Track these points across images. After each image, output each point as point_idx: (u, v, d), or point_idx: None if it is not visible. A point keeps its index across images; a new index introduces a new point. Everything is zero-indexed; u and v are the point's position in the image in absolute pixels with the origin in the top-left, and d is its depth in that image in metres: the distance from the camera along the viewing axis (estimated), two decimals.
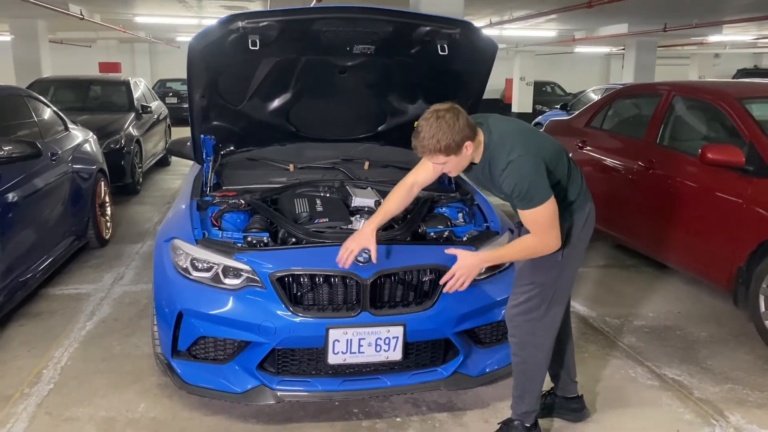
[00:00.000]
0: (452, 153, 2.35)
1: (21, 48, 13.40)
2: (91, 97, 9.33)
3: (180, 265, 2.89)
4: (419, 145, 2.38)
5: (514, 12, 11.83)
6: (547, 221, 2.38)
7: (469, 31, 3.23)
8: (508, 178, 2.36)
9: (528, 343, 2.63)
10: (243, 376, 2.81)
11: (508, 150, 2.38)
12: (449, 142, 2.32)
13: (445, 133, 2.31)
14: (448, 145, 2.32)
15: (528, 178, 2.34)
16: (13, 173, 4.05)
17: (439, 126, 2.31)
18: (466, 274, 2.49)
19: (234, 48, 3.09)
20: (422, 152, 2.39)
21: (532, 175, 2.35)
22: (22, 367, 3.40)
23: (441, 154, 2.35)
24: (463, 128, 2.33)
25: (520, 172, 2.35)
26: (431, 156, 2.38)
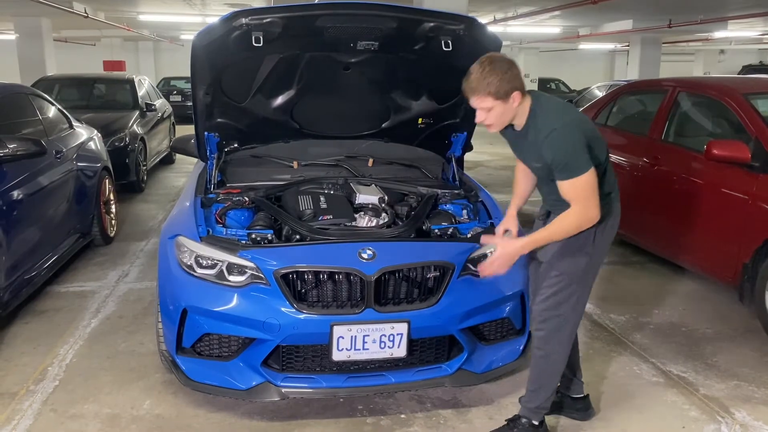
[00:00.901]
0: (500, 98, 2.35)
1: (26, 46, 13.43)
2: (95, 96, 9.34)
3: (184, 262, 2.89)
4: (469, 86, 2.37)
5: (518, 8, 11.81)
6: (587, 190, 2.37)
7: (473, 27, 3.22)
8: (552, 145, 2.36)
9: (553, 338, 2.63)
10: (247, 373, 2.82)
11: (553, 118, 2.40)
12: (500, 86, 2.32)
13: (497, 76, 2.32)
14: (498, 89, 2.33)
15: (571, 147, 2.36)
16: (17, 171, 4.06)
17: (492, 68, 2.33)
18: (507, 263, 2.50)
19: (237, 45, 3.09)
20: (471, 92, 2.38)
21: (575, 144, 2.37)
22: (28, 364, 3.41)
23: (490, 96, 2.34)
24: (515, 77, 2.35)
25: (564, 140, 2.36)
26: (479, 98, 2.37)
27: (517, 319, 3.10)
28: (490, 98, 2.36)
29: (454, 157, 3.94)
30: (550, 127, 2.38)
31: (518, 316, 3.10)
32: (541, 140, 2.40)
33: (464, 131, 3.85)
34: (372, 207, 3.35)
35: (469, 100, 2.43)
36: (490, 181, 8.81)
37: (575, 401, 2.95)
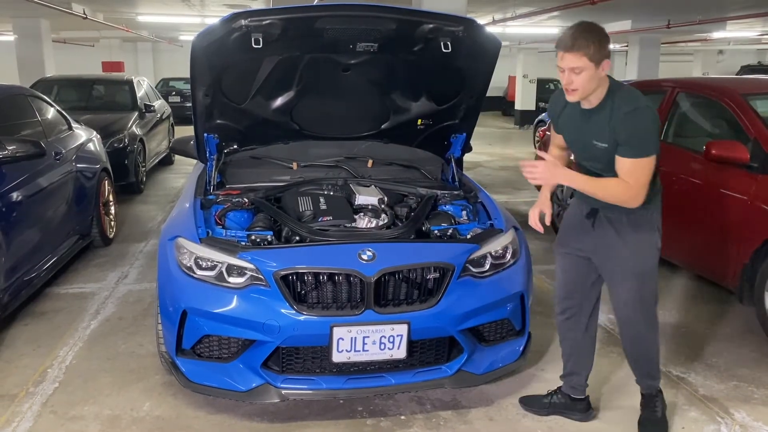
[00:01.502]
0: (593, 61, 2.35)
1: (24, 47, 13.40)
2: (94, 97, 9.34)
3: (184, 263, 2.89)
4: (563, 43, 2.36)
5: (517, 9, 11.81)
6: (646, 173, 2.42)
7: (472, 29, 3.22)
8: (632, 121, 2.38)
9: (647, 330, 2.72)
10: (247, 375, 2.81)
11: (635, 98, 2.43)
12: (597, 49, 2.33)
13: (596, 38, 2.34)
14: (595, 51, 2.33)
15: (649, 127, 2.40)
16: (17, 172, 4.06)
17: (591, 30, 2.35)
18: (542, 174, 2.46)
19: (237, 46, 3.09)
20: (566, 49, 2.36)
21: (652, 126, 2.41)
22: (28, 366, 3.41)
23: (585, 57, 2.34)
24: (607, 46, 2.36)
25: (645, 119, 2.39)
26: (573, 56, 2.35)
27: (517, 320, 3.10)
28: (584, 59, 2.35)
29: (454, 158, 3.94)
30: (633, 105, 2.40)
31: (518, 316, 3.10)
32: (620, 116, 2.40)
33: (463, 132, 3.86)
34: (372, 208, 3.35)
35: (561, 58, 2.40)
36: (489, 181, 8.81)
37: (576, 402, 2.96)
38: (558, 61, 2.43)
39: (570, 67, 2.39)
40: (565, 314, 2.88)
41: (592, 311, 2.88)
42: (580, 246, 2.75)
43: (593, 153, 2.56)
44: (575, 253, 2.77)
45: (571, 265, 2.81)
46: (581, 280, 2.81)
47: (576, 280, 2.82)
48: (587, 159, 2.64)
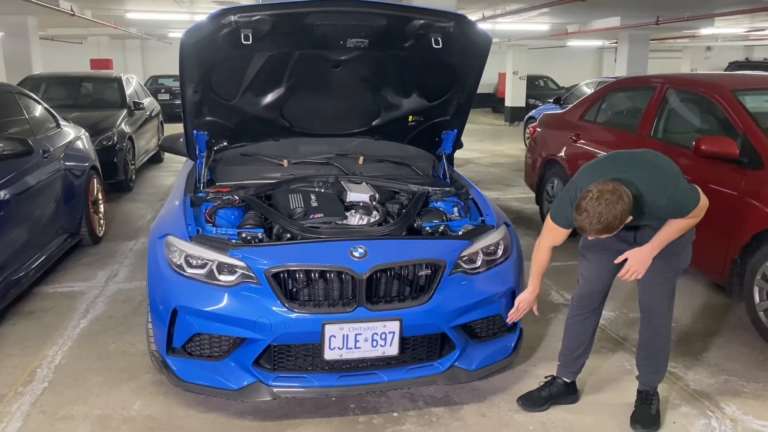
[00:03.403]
0: (615, 230, 2.45)
1: (11, 45, 13.27)
2: (82, 94, 9.27)
3: (174, 261, 2.87)
4: (583, 226, 2.43)
5: (507, 6, 11.82)
6: (704, 209, 2.63)
7: (463, 25, 3.21)
8: (674, 209, 2.56)
9: (667, 323, 2.86)
10: (239, 373, 2.80)
11: (661, 191, 2.52)
12: (623, 218, 2.40)
13: (620, 211, 2.38)
14: (621, 221, 2.41)
15: (687, 199, 2.56)
16: (4, 171, 4.02)
17: (611, 213, 2.37)
18: (641, 268, 2.67)
19: (226, 42, 3.07)
20: (588, 233, 2.47)
21: (688, 194, 2.57)
22: (16, 366, 3.38)
23: (605, 233, 2.45)
24: (626, 210, 2.39)
25: (681, 200, 2.55)
26: (595, 236, 2.47)
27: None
28: (605, 233, 2.45)
29: (445, 155, 3.93)
30: (666, 199, 2.52)
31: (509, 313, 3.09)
32: (661, 209, 2.54)
33: (454, 129, 3.85)
34: (363, 205, 3.34)
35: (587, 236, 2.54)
36: (479, 178, 8.82)
37: (570, 386, 3.05)
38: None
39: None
40: (588, 310, 2.95)
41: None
42: (619, 248, 2.78)
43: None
44: (613, 256, 2.79)
45: (605, 267, 2.86)
46: (612, 277, 2.90)
47: (608, 279, 2.90)
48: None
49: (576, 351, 3.02)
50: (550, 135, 6.27)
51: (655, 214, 2.57)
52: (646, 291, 2.85)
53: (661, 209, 2.55)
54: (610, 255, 2.82)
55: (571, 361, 3.04)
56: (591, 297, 2.94)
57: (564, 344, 3.05)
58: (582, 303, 2.96)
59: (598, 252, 2.87)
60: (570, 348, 3.02)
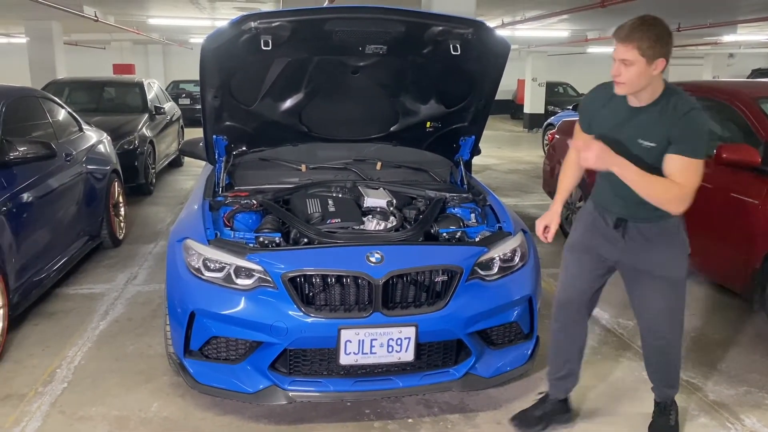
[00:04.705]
0: (645, 56, 2.28)
1: (36, 50, 13.51)
2: (105, 99, 9.40)
3: (192, 265, 2.90)
4: (620, 32, 2.30)
5: (526, 12, 11.79)
6: (696, 177, 2.35)
7: (481, 31, 3.21)
8: (690, 120, 2.34)
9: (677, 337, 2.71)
10: (255, 376, 2.82)
11: (694, 102, 2.38)
12: (651, 45, 2.26)
13: (653, 34, 2.27)
14: (648, 47, 2.26)
15: (705, 130, 2.39)
16: (28, 174, 4.09)
17: (653, 26, 2.29)
18: (593, 156, 2.36)
19: (246, 48, 3.10)
20: (619, 39, 2.30)
21: (707, 130, 2.41)
22: (37, 366, 3.43)
23: (636, 50, 2.27)
24: (667, 45, 2.30)
25: (703, 122, 2.37)
26: (625, 47, 2.29)
27: (525, 324, 3.09)
28: (636, 52, 2.27)
29: (462, 161, 3.93)
30: (691, 106, 2.36)
31: (526, 320, 3.08)
32: (677, 115, 2.34)
33: (472, 135, 3.85)
34: (380, 210, 3.35)
35: (615, 48, 2.35)
36: (497, 184, 8.79)
37: (563, 403, 2.94)
38: (614, 51, 2.37)
39: (621, 59, 2.33)
40: (569, 316, 2.80)
41: (590, 314, 2.85)
42: (604, 253, 2.66)
43: (635, 153, 2.43)
44: (594, 259, 2.69)
45: (585, 269, 2.73)
46: (591, 285, 2.75)
47: (586, 285, 2.75)
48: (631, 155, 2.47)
49: (561, 370, 2.86)
50: (567, 141, 6.24)
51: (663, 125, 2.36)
52: (640, 307, 2.69)
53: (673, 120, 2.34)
54: (591, 259, 2.69)
55: (557, 381, 2.90)
56: (568, 305, 2.78)
57: (549, 360, 2.92)
58: (559, 312, 2.81)
59: (579, 253, 2.74)
60: (555, 366, 2.88)
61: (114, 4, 11.66)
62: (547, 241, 2.80)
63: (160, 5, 12.14)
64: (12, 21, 14.21)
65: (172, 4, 11.79)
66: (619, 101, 2.49)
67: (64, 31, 14.38)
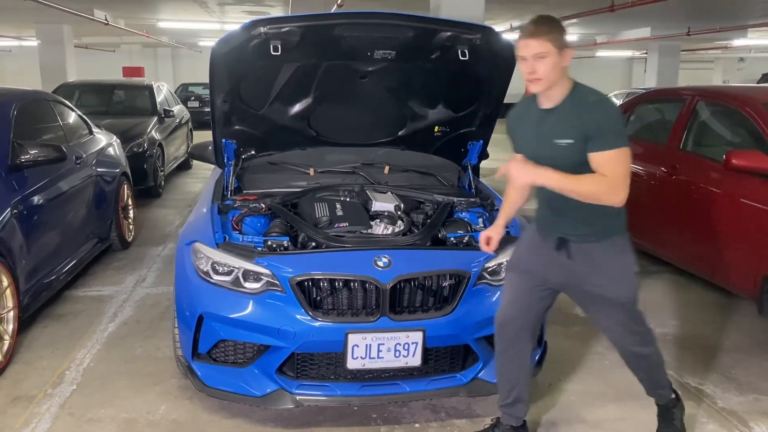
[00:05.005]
0: (557, 47, 2.30)
1: (47, 53, 13.64)
2: (114, 101, 9.45)
3: (201, 268, 2.91)
4: (528, 30, 2.33)
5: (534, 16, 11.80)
6: (625, 166, 2.30)
7: (489, 36, 3.22)
8: (601, 109, 2.34)
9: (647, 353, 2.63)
10: (262, 380, 2.82)
11: (599, 92, 2.41)
12: (559, 35, 2.31)
13: (558, 26, 2.34)
14: (558, 37, 2.30)
15: (619, 117, 2.39)
16: (38, 176, 4.12)
17: (553, 20, 2.35)
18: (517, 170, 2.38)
19: (256, 53, 3.12)
20: (532, 32, 2.31)
21: (620, 116, 2.41)
22: (46, 368, 3.45)
23: (549, 42, 2.29)
24: (566, 37, 2.34)
25: (613, 109, 2.38)
26: (539, 39, 2.29)
27: None
28: (549, 44, 2.28)
29: (470, 165, 3.93)
30: (599, 96, 2.37)
31: None
32: (588, 106, 2.33)
33: (480, 139, 3.85)
34: (388, 214, 3.36)
35: (525, 46, 2.33)
36: (505, 189, 8.76)
37: (518, 430, 2.76)
38: (520, 51, 2.36)
39: (534, 53, 2.31)
40: (508, 339, 2.64)
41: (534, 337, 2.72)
42: (547, 276, 2.56)
43: (555, 156, 2.38)
44: (536, 281, 2.58)
45: (525, 290, 2.61)
46: (530, 307, 2.62)
47: (524, 307, 2.61)
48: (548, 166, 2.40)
49: (508, 397, 2.70)
50: None
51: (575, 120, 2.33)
52: (600, 326, 2.67)
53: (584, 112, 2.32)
54: (532, 280, 2.58)
55: (506, 409, 2.73)
56: (505, 327, 2.63)
57: (497, 386, 2.75)
58: (498, 333, 2.66)
59: (520, 274, 2.63)
60: (502, 393, 2.72)
61: (124, 8, 11.76)
62: (490, 251, 2.78)
63: (170, 9, 12.23)
64: (23, 24, 14.34)
65: (182, 7, 11.87)
66: (533, 110, 2.49)
67: (74, 35, 14.50)
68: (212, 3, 11.32)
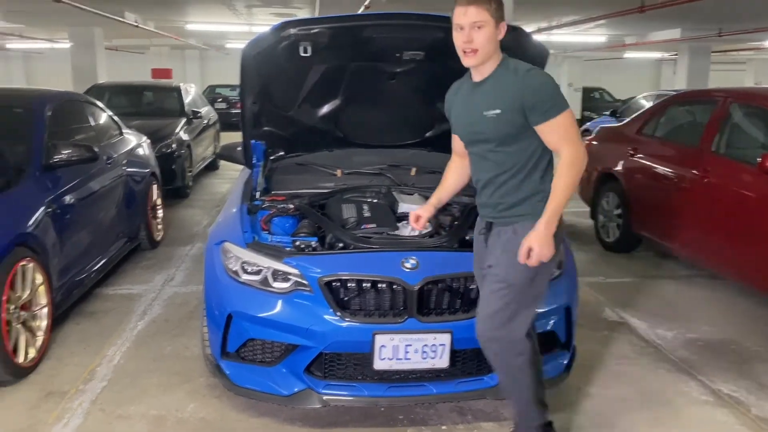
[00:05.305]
0: (495, 19, 2.28)
1: (79, 55, 13.88)
2: (144, 103, 9.60)
3: (230, 268, 2.93)
4: None
5: (562, 18, 11.70)
6: (573, 126, 2.32)
7: (519, 37, 3.19)
8: (534, 78, 2.32)
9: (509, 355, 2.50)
10: (290, 379, 2.83)
11: (528, 64, 2.40)
12: (497, 6, 2.28)
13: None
14: (496, 8, 2.27)
15: (551, 81, 2.35)
16: (71, 176, 4.19)
17: None
18: (542, 252, 2.30)
19: (286, 54, 3.14)
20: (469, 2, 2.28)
21: (552, 80, 2.36)
22: (78, 364, 3.51)
23: (487, 11, 2.26)
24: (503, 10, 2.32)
25: (544, 75, 2.36)
26: (478, 8, 2.26)
27: (562, 333, 3.05)
28: (487, 14, 2.26)
29: None
30: (529, 66, 2.36)
31: (563, 329, 3.04)
32: (519, 77, 2.31)
33: None
34: None
35: (464, 13, 2.29)
36: None
37: None
38: (457, 19, 2.32)
39: (472, 22, 2.28)
40: None
41: None
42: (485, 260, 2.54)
43: (483, 128, 2.38)
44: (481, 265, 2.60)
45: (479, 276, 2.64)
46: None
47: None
48: (477, 141, 2.44)
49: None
50: (606, 148, 6.15)
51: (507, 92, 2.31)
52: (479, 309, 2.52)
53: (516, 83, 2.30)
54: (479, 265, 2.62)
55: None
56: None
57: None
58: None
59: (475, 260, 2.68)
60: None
61: (154, 11, 11.92)
62: (418, 228, 2.79)
63: (198, 11, 12.37)
64: (56, 27, 14.63)
65: (210, 10, 12.00)
66: (465, 86, 2.49)
67: (105, 37, 14.75)
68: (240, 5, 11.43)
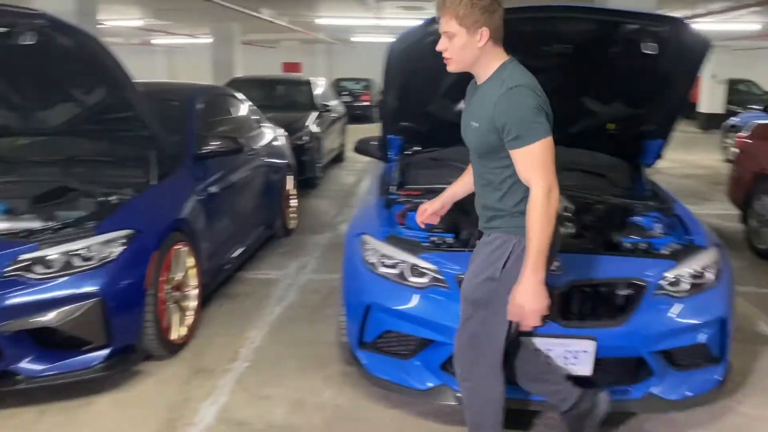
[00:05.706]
0: (465, 27, 2.11)
1: (219, 49, 14.74)
2: (277, 96, 9.98)
3: (368, 260, 2.98)
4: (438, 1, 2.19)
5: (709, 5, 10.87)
6: (547, 160, 2.12)
7: (679, 29, 3.00)
8: (510, 99, 2.11)
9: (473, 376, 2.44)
10: (424, 374, 2.84)
11: (526, 79, 2.16)
12: (469, 12, 2.09)
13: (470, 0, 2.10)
14: (465, 14, 2.10)
15: (524, 107, 2.11)
16: (218, 166, 4.44)
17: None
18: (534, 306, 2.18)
19: (431, 49, 3.11)
20: (440, 7, 2.17)
21: (528, 106, 2.11)
22: (222, 345, 3.71)
23: (455, 20, 2.11)
24: (490, 12, 2.11)
25: (522, 98, 2.11)
26: (444, 18, 2.15)
27: (715, 346, 2.84)
28: (453, 22, 2.12)
29: (645, 166, 3.69)
30: (517, 82, 2.13)
31: (717, 343, 2.84)
32: (501, 91, 2.14)
33: (660, 138, 3.59)
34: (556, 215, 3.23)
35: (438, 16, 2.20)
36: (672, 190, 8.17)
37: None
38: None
39: (443, 31, 2.16)
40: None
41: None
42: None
43: (468, 137, 2.31)
44: None
45: None
46: None
47: None
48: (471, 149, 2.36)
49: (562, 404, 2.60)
50: (763, 147, 5.65)
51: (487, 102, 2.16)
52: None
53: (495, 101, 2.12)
54: None
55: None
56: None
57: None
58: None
59: None
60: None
61: (287, 6, 12.38)
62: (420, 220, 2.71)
63: (329, 5, 12.70)
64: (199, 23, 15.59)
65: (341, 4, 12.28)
66: (472, 87, 2.35)
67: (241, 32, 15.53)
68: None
